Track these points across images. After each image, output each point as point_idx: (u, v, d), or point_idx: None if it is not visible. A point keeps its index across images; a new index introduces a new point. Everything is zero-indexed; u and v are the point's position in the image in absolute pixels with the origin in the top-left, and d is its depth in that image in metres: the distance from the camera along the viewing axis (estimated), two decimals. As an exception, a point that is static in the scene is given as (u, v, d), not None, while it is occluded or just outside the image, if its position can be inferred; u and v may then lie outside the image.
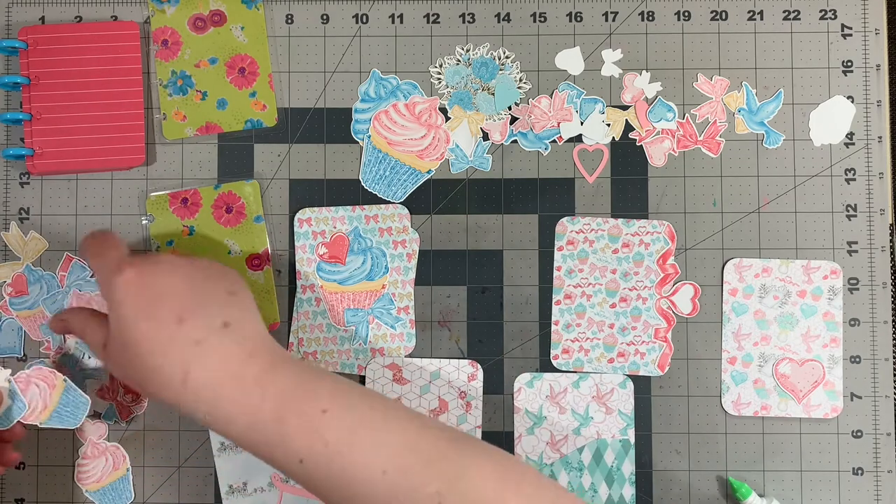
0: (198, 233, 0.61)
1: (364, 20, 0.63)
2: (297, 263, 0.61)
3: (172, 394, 0.47)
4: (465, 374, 0.61)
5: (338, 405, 0.47)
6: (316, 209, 0.61)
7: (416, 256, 0.61)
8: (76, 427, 0.58)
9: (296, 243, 0.61)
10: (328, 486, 0.46)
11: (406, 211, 0.61)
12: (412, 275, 0.61)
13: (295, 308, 0.61)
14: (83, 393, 0.58)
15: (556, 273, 0.61)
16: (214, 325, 0.48)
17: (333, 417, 0.46)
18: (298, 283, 0.61)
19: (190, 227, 0.61)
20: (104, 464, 0.61)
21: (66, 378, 0.58)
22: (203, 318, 0.47)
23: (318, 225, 0.61)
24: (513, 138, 0.62)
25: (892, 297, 0.61)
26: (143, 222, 0.61)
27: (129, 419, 0.61)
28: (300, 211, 0.61)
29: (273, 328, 0.61)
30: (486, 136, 0.62)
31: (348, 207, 0.61)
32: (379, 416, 0.47)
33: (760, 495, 0.60)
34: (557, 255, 0.61)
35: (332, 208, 0.61)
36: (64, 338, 0.61)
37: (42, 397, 0.57)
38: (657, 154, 0.62)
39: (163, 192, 0.61)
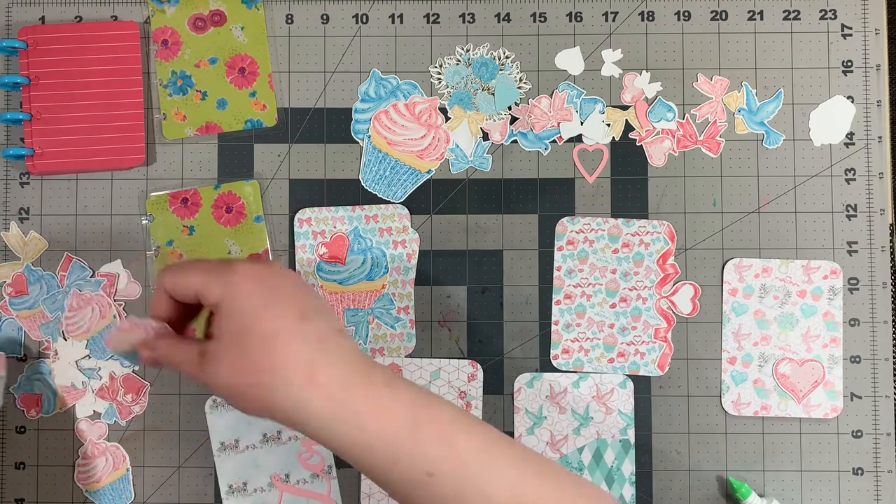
0: (198, 233, 0.61)
1: (364, 20, 0.63)
2: (297, 263, 0.61)
3: (292, 394, 0.42)
4: (465, 374, 0.61)
5: (467, 419, 0.44)
6: (316, 209, 0.61)
7: (416, 256, 0.61)
8: (100, 359, 0.61)
9: (296, 243, 0.61)
10: None
11: (406, 211, 0.61)
12: (412, 275, 0.61)
13: (295, 308, 0.61)
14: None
15: (556, 273, 0.61)
16: (332, 328, 0.44)
17: (465, 429, 0.43)
18: (298, 283, 0.61)
19: (190, 226, 0.61)
20: (104, 464, 0.61)
21: (118, 315, 0.61)
22: (322, 320, 0.44)
23: (318, 225, 0.61)
24: (513, 138, 0.62)
25: (892, 297, 0.61)
26: (143, 222, 0.61)
27: (129, 419, 0.61)
28: (300, 211, 0.61)
29: (273, 328, 0.61)
30: (486, 136, 0.62)
31: (348, 207, 0.61)
32: (506, 439, 0.44)
33: (760, 495, 0.60)
34: (557, 255, 0.61)
35: (332, 208, 0.61)
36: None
37: (90, 320, 0.61)
38: (657, 154, 0.62)
39: (163, 192, 0.61)
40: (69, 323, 0.61)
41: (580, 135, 0.62)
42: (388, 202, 0.62)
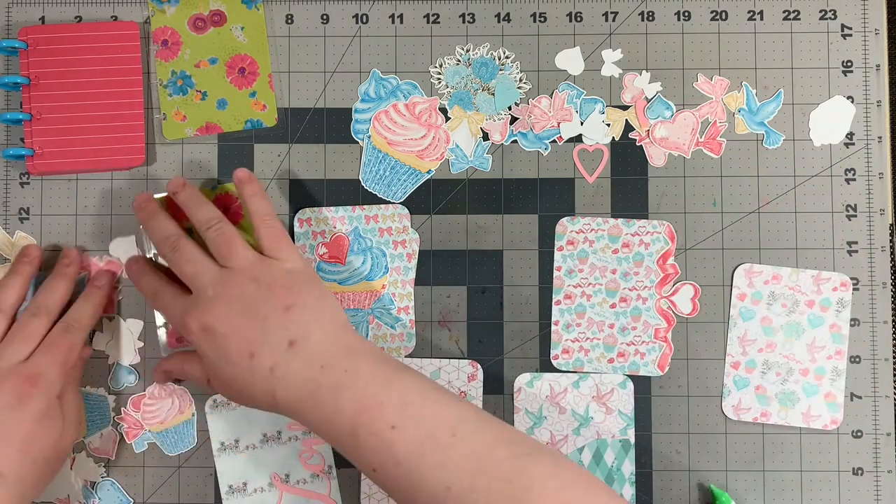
0: (196, 235, 0.61)
1: (364, 20, 0.63)
2: (297, 263, 0.61)
3: (269, 408, 0.52)
4: (465, 374, 0.61)
5: (406, 420, 0.49)
6: (316, 209, 0.61)
7: (416, 256, 0.61)
8: (110, 426, 0.61)
9: (296, 243, 0.61)
10: (397, 494, 0.49)
11: (406, 211, 0.61)
12: (412, 275, 0.61)
13: (295, 308, 0.61)
14: (101, 392, 0.61)
15: (556, 273, 0.61)
16: (281, 347, 0.51)
17: (402, 434, 0.48)
18: (298, 283, 0.61)
19: (188, 228, 0.61)
20: (170, 405, 0.61)
21: (80, 388, 0.60)
22: (269, 346, 0.51)
23: (318, 225, 0.61)
24: (513, 138, 0.62)
25: (892, 297, 0.61)
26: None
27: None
28: (300, 211, 0.61)
29: (273, 328, 0.61)
30: (486, 136, 0.62)
31: (348, 207, 0.61)
32: (447, 431, 0.48)
33: None
34: (557, 255, 0.61)
35: (332, 208, 0.61)
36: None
37: (167, 412, 0.61)
38: (657, 154, 0.62)
39: (160, 195, 0.61)
40: (147, 409, 0.61)
41: (580, 135, 0.62)
42: (388, 202, 0.62)
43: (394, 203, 0.62)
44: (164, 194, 0.61)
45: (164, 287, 0.56)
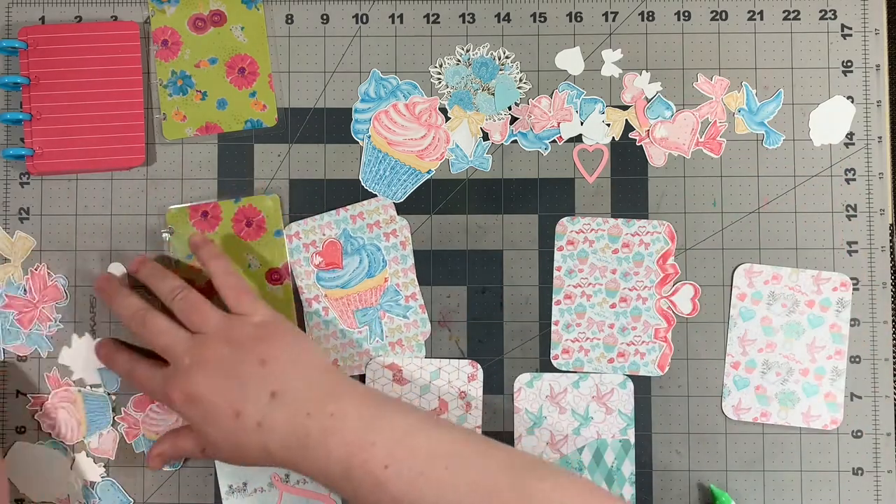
0: (218, 246, 0.60)
1: (364, 20, 0.63)
2: (295, 279, 0.61)
3: (267, 463, 0.53)
4: (465, 374, 0.61)
5: (399, 456, 0.49)
6: (301, 221, 0.61)
7: (410, 243, 0.61)
8: (110, 426, 0.60)
9: (289, 259, 0.61)
10: None
11: (389, 201, 0.61)
12: (411, 261, 0.61)
13: (306, 321, 0.61)
14: (100, 392, 0.60)
15: (556, 273, 0.61)
16: (263, 400, 0.51)
17: (395, 472, 0.49)
18: (302, 297, 0.61)
19: (210, 240, 0.60)
20: (172, 422, 0.61)
21: (80, 388, 0.60)
22: (252, 402, 0.51)
23: (306, 236, 0.61)
24: (513, 138, 0.62)
25: (892, 297, 0.61)
26: (164, 236, 0.61)
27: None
28: (286, 227, 0.61)
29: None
30: (486, 136, 0.62)
31: (332, 212, 0.61)
32: (441, 463, 0.49)
33: None
34: (557, 255, 0.61)
35: (317, 216, 0.61)
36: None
37: (73, 416, 0.60)
38: (657, 154, 0.62)
39: (183, 205, 0.61)
40: (150, 414, 0.61)
41: (580, 135, 0.62)
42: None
43: (376, 196, 0.61)
44: (185, 205, 0.61)
45: (137, 364, 0.56)
